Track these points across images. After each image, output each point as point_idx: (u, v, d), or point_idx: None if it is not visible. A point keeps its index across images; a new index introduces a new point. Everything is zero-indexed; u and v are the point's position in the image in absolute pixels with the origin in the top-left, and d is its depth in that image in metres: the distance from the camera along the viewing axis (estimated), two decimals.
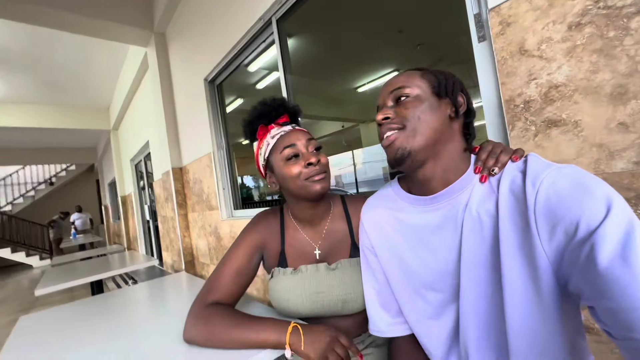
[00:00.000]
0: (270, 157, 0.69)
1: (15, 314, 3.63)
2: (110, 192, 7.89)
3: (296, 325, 0.60)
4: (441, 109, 0.52)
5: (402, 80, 0.54)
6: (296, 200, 0.70)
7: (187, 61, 2.64)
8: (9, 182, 9.04)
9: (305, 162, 0.64)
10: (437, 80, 0.53)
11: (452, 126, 0.53)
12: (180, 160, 2.97)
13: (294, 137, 0.67)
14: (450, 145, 0.52)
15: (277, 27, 1.68)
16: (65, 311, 1.06)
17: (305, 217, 0.72)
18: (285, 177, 0.66)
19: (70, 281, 1.69)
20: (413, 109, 0.51)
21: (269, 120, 0.70)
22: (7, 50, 3.56)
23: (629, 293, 0.31)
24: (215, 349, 0.63)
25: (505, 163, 0.48)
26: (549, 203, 0.39)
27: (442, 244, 0.52)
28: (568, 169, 0.40)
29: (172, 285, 1.25)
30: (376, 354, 0.71)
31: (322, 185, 0.65)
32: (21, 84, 4.45)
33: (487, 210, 0.47)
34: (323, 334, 0.58)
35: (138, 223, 5.29)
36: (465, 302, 0.50)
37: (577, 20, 0.65)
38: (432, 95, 0.52)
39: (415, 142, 0.50)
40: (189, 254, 2.91)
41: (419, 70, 0.56)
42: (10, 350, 0.77)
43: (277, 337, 0.59)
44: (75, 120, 5.68)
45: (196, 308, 0.66)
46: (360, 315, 0.69)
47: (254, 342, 0.60)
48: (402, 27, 3.12)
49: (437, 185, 0.53)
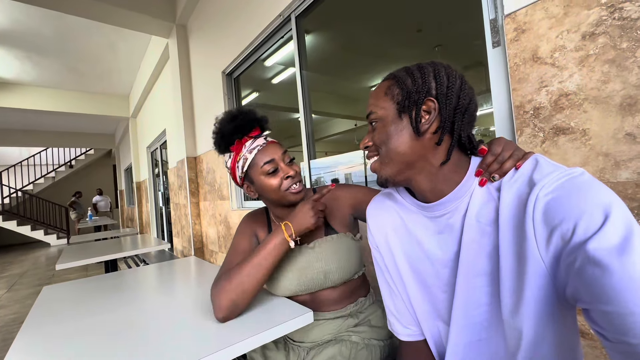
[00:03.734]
0: (249, 170, 0.76)
1: (34, 288, 3.82)
2: (126, 177, 8.14)
3: (285, 222, 0.71)
4: (406, 129, 0.49)
5: (371, 102, 0.53)
6: (274, 205, 0.81)
7: (206, 53, 2.70)
8: (31, 162, 9.43)
9: (285, 175, 0.75)
10: (402, 92, 0.50)
11: (422, 141, 0.49)
12: (195, 149, 3.05)
13: (272, 151, 0.75)
14: (429, 161, 0.50)
15: (295, 24, 1.71)
16: (83, 284, 1.14)
17: (283, 214, 0.81)
18: (265, 189, 0.76)
19: (87, 259, 1.78)
20: (380, 135, 0.51)
21: (243, 133, 0.76)
22: (38, 36, 3.72)
23: (625, 298, 0.31)
24: (246, 301, 0.69)
25: (507, 171, 0.46)
26: (547, 208, 0.38)
27: (442, 250, 0.52)
28: (572, 172, 0.39)
29: (182, 268, 1.31)
30: (369, 332, 0.75)
31: (299, 196, 0.76)
32: (49, 69, 4.64)
33: (487, 217, 0.46)
34: (301, 210, 0.72)
35: (151, 209, 5.45)
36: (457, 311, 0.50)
37: (592, 30, 0.65)
38: (395, 115, 0.50)
39: (388, 170, 0.52)
40: (198, 241, 3.00)
41: (390, 79, 0.53)
42: (35, 316, 0.85)
43: (279, 239, 0.70)
44: (96, 106, 5.89)
45: (214, 285, 0.72)
46: (345, 286, 0.77)
47: (267, 255, 0.69)
48: (422, 26, 3.10)
49: (431, 196, 0.52)
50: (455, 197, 0.49)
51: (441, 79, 0.48)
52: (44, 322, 0.79)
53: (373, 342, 0.74)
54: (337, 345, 0.72)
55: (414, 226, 0.56)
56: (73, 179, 9.81)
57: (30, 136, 7.92)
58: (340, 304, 0.77)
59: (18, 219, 8.04)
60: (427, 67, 0.50)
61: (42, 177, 9.29)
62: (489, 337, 0.48)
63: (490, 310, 0.46)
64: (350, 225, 0.81)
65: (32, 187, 9.06)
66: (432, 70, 0.49)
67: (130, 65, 4.85)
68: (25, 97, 5.16)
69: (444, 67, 0.50)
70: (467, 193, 0.49)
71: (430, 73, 0.49)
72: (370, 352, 0.72)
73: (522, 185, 0.43)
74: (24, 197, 8.49)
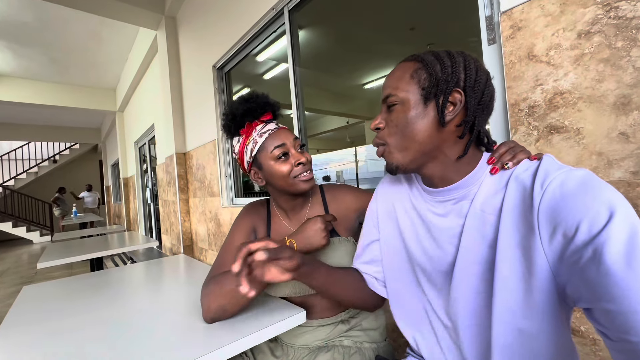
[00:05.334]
0: (258, 155, 0.72)
1: (16, 287, 3.69)
2: (113, 173, 7.94)
3: (290, 240, 0.67)
4: (428, 117, 0.48)
5: (391, 84, 0.51)
6: (281, 194, 0.76)
7: (196, 47, 2.64)
8: (13, 157, 9.10)
9: (296, 162, 0.70)
10: (430, 78, 0.47)
11: (442, 133, 0.48)
12: (185, 145, 2.99)
13: (283, 136, 0.71)
14: (444, 152, 0.50)
15: (289, 18, 1.68)
16: (66, 283, 1.10)
17: (288, 206, 0.78)
18: (274, 175, 0.71)
19: (71, 256, 1.72)
20: (399, 119, 0.49)
21: (254, 117, 0.73)
22: (19, 24, 3.56)
23: (629, 296, 0.31)
24: (237, 308, 0.66)
25: (520, 160, 0.47)
26: (553, 204, 0.38)
27: (444, 236, 0.52)
28: (579, 172, 0.39)
29: (171, 266, 1.27)
30: (361, 335, 0.74)
31: (309, 184, 0.71)
32: (31, 59, 4.45)
33: (493, 206, 0.46)
34: (312, 227, 0.67)
35: (139, 205, 5.33)
36: (456, 295, 0.51)
37: (587, 28, 0.65)
38: (419, 101, 0.48)
39: (400, 158, 0.50)
40: (188, 239, 2.95)
41: (416, 61, 0.50)
42: (15, 314, 0.81)
43: None
44: (82, 99, 5.70)
45: (205, 284, 0.69)
46: None
47: None
48: (415, 24, 3.10)
49: (440, 183, 0.52)
50: (465, 184, 0.50)
51: (471, 71, 0.47)
52: (24, 322, 0.75)
53: (365, 346, 0.73)
54: (329, 352, 0.70)
55: (421, 210, 0.57)
56: (57, 175, 9.52)
57: (12, 130, 7.63)
58: (332, 310, 0.74)
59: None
60: (457, 56, 0.48)
61: (24, 172, 8.98)
62: (485, 324, 0.48)
63: (486, 298, 0.47)
64: (354, 230, 0.78)
65: (14, 182, 8.75)
66: (462, 60, 0.48)
67: (116, 58, 4.70)
68: (6, 89, 4.95)
69: (474, 60, 0.48)
70: (476, 183, 0.49)
71: (461, 63, 0.47)
72: (362, 356, 0.70)
73: (529, 178, 0.43)
74: (5, 192, 8.19)
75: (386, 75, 0.54)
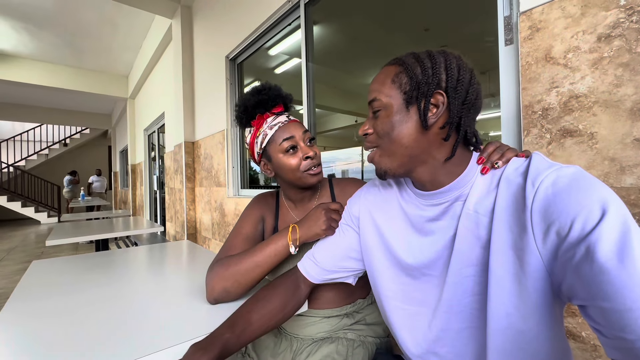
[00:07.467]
0: (267, 147, 0.73)
1: (23, 264, 3.78)
2: (122, 159, 8.04)
3: (294, 225, 0.67)
4: (412, 121, 0.48)
5: (375, 87, 0.51)
6: (289, 186, 0.77)
7: (210, 37, 2.65)
8: (25, 138, 9.26)
9: (304, 155, 0.71)
10: (410, 82, 0.47)
11: (427, 136, 0.48)
12: (194, 134, 3.01)
13: (293, 129, 0.72)
14: (432, 154, 0.49)
15: (304, 12, 1.68)
16: (73, 260, 1.12)
17: (296, 198, 0.79)
18: (283, 168, 0.72)
19: (78, 236, 1.76)
20: (384, 124, 0.49)
21: (266, 109, 0.73)
22: (37, 7, 3.62)
23: (624, 294, 0.31)
24: (240, 291, 0.67)
25: (509, 159, 0.46)
26: (546, 203, 0.38)
27: (437, 239, 0.51)
28: (570, 169, 0.39)
29: (174, 250, 1.29)
30: (365, 329, 0.74)
31: (317, 178, 0.73)
32: (47, 42, 4.52)
33: (486, 207, 0.46)
34: (314, 214, 0.67)
35: (145, 192, 5.40)
36: (450, 297, 0.50)
37: (608, 32, 0.64)
38: (402, 105, 0.48)
39: (388, 163, 0.50)
40: (192, 227, 2.98)
41: (397, 65, 0.50)
42: (23, 288, 0.83)
43: (282, 242, 0.66)
44: (94, 84, 5.77)
45: (212, 266, 0.70)
46: (345, 286, 0.72)
47: (267, 257, 0.66)
48: (430, 25, 3.07)
49: (430, 186, 0.51)
50: (455, 187, 0.49)
51: (452, 71, 0.46)
52: (32, 297, 0.77)
53: (369, 340, 0.73)
54: (333, 343, 0.70)
55: (411, 212, 0.55)
56: (67, 158, 9.67)
57: (25, 111, 7.76)
58: (337, 302, 0.75)
59: (8, 195, 7.91)
60: (438, 56, 0.47)
61: (35, 154, 9.13)
62: (479, 326, 0.47)
63: (480, 300, 0.46)
64: None
65: (25, 163, 8.91)
66: (443, 60, 0.47)
67: (131, 45, 4.75)
68: (21, 70, 5.03)
69: (455, 58, 0.48)
70: (468, 184, 0.49)
71: (442, 64, 0.47)
72: (366, 350, 0.71)
73: (520, 178, 0.43)
74: (16, 172, 8.35)
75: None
